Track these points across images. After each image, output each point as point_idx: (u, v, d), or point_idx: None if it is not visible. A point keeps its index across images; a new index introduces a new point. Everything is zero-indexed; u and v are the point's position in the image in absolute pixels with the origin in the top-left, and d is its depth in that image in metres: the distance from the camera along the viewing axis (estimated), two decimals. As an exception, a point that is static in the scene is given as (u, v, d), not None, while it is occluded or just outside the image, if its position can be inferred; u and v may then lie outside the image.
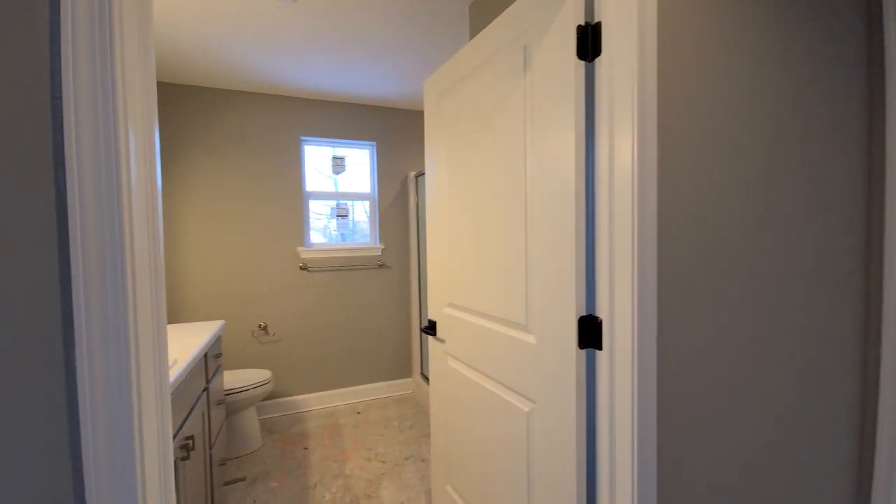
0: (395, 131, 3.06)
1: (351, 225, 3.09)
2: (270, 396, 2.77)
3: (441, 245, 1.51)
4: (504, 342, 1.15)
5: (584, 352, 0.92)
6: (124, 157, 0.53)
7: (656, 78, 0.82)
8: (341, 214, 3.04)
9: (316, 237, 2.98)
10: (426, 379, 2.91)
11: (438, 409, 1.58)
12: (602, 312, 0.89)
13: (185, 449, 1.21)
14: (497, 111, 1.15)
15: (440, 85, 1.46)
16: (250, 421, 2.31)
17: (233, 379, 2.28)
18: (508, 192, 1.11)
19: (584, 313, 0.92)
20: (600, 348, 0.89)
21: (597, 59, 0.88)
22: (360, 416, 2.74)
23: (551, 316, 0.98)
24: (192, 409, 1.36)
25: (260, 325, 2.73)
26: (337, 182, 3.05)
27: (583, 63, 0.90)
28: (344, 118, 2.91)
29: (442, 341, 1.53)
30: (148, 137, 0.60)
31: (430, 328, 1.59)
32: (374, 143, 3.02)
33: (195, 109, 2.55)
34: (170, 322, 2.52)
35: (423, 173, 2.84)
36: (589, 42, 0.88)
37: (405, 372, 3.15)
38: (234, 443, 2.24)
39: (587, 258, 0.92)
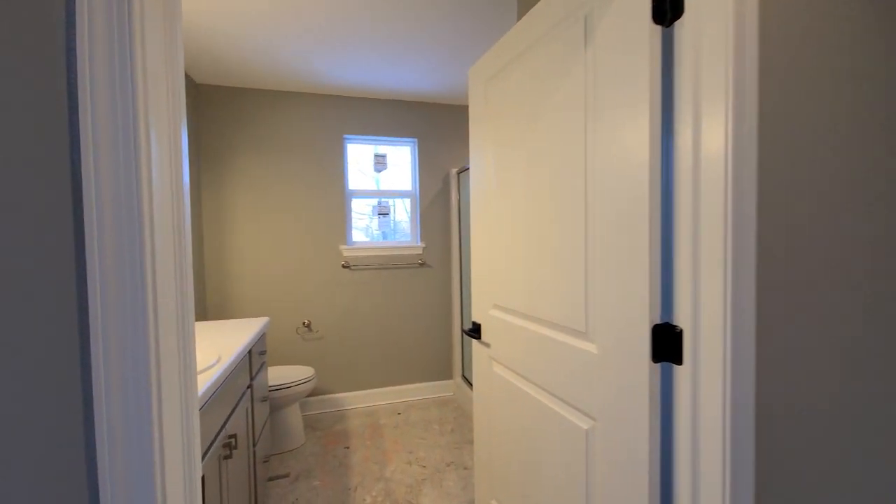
0: (436, 127, 2.99)
1: (392, 224, 3.06)
2: (313, 393, 2.80)
3: (486, 243, 1.41)
4: (558, 350, 1.04)
5: (658, 366, 0.79)
6: (144, 156, 0.48)
7: (757, 42, 0.68)
8: (383, 213, 3.02)
9: (358, 236, 2.98)
10: (468, 382, 2.82)
11: (482, 417, 1.48)
12: (682, 321, 0.75)
13: (227, 447, 1.20)
14: (551, 94, 1.04)
15: (486, 71, 1.36)
16: (294, 417, 2.33)
17: (277, 375, 2.31)
18: (564, 184, 1.00)
19: (658, 321, 0.79)
20: (679, 362, 0.76)
21: (676, 22, 0.75)
22: (401, 417, 2.70)
23: (617, 323, 0.85)
24: (235, 407, 1.36)
25: (304, 323, 2.76)
26: (378, 180, 3.03)
27: (659, 28, 0.77)
28: (386, 115, 2.88)
29: (487, 345, 1.43)
30: (173, 135, 0.56)
31: (474, 331, 1.50)
32: (416, 139, 2.97)
33: (242, 111, 2.62)
34: (217, 318, 2.61)
35: (466, 169, 2.75)
36: (667, 0, 0.75)
37: (446, 373, 3.08)
38: (278, 439, 2.27)
39: (662, 260, 0.78)
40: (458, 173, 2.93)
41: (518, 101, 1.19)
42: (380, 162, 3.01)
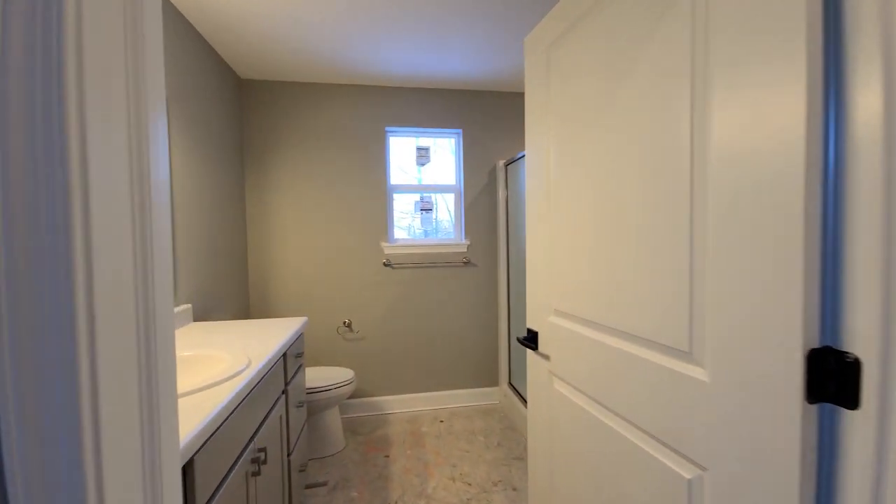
0: (482, 117, 2.80)
1: (435, 220, 2.91)
2: (354, 396, 2.71)
3: (545, 239, 1.20)
4: (648, 373, 0.81)
5: (814, 408, 0.56)
6: (76, 146, 0.33)
7: None
8: (425, 208, 2.87)
9: (399, 233, 2.85)
10: (515, 391, 2.61)
11: (540, 441, 1.28)
12: (860, 347, 0.51)
13: (255, 463, 1.09)
14: (637, 55, 0.82)
15: (547, 36, 1.16)
16: (333, 421, 2.24)
17: (316, 377, 2.22)
18: (660, 167, 0.77)
19: (815, 345, 0.55)
20: (853, 405, 0.52)
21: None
22: (443, 426, 2.54)
23: (741, 343, 0.63)
24: (267, 416, 1.25)
25: (344, 322, 2.68)
26: (421, 175, 2.89)
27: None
28: (429, 105, 2.73)
29: (545, 357, 1.22)
30: (137, 119, 0.41)
31: (530, 340, 1.30)
32: (460, 130, 2.79)
33: (283, 105, 2.57)
34: (259, 318, 2.58)
35: (515, 160, 2.54)
36: None
37: (491, 380, 2.88)
38: (317, 443, 2.19)
39: (823, 260, 0.55)
40: (507, 165, 2.72)
41: (590, 67, 0.97)
42: (422, 155, 2.87)
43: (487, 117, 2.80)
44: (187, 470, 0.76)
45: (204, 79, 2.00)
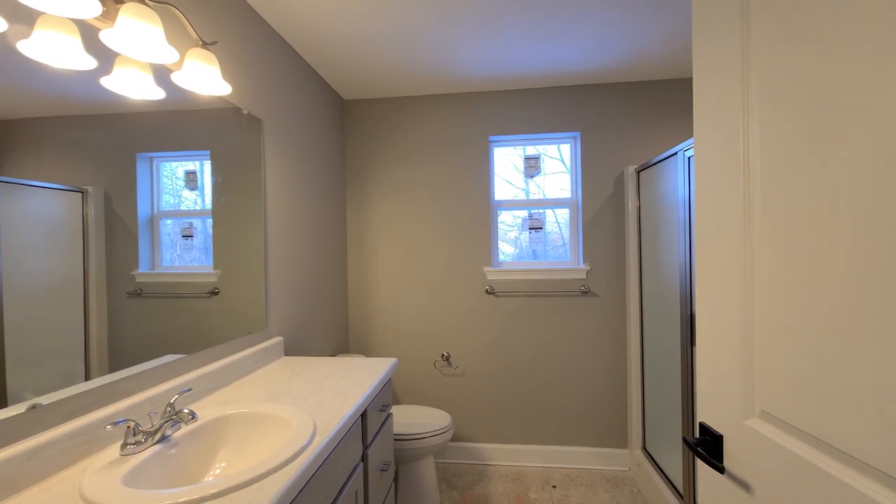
0: (605, 115, 2.30)
1: (545, 241, 2.48)
2: (451, 439, 2.41)
3: (740, 277, 0.73)
4: None
5: None
6: None
7: None
8: (534, 227, 2.47)
9: (504, 256, 2.50)
10: (652, 459, 2.01)
11: None
12: None
13: (311, 577, 0.84)
14: None
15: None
16: (427, 473, 1.97)
17: (409, 421, 1.98)
18: None
19: None
20: None
21: None
22: (557, 493, 2.07)
23: None
24: (339, 494, 1.01)
25: (443, 355, 2.42)
26: (529, 188, 2.51)
27: None
28: (539, 107, 2.35)
29: (741, 486, 0.74)
30: None
31: (708, 447, 0.82)
32: (578, 133, 2.34)
33: (383, 122, 2.46)
34: (357, 352, 2.47)
35: (652, 164, 1.99)
36: None
37: (619, 440, 2.31)
38: (409, 497, 1.93)
39: None
40: (639, 171, 2.17)
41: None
42: (532, 165, 2.48)
43: (612, 115, 2.30)
44: None
45: (310, 103, 1.97)
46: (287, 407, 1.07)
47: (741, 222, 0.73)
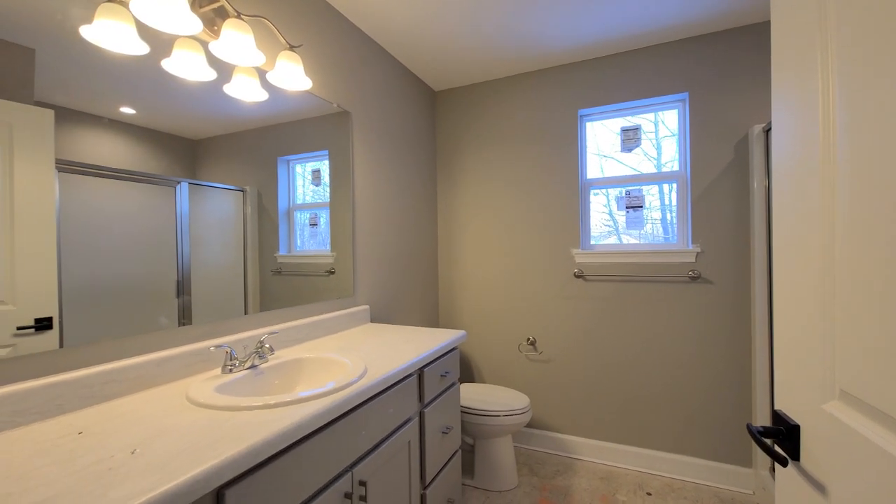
0: (720, 68, 1.94)
1: (645, 220, 2.21)
2: (535, 426, 2.34)
3: (817, 248, 0.57)
4: None
5: None
6: None
7: None
8: (633, 205, 2.23)
9: (595, 238, 2.31)
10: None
11: None
12: None
13: (349, 497, 0.94)
14: None
15: None
16: (504, 453, 1.96)
17: (487, 397, 2.00)
18: None
19: None
20: None
21: None
22: (651, 502, 1.84)
23: None
24: (381, 442, 1.10)
25: (528, 340, 2.36)
26: (626, 164, 2.26)
27: None
28: (636, 71, 2.10)
29: (819, 488, 0.58)
30: None
31: (781, 436, 0.66)
32: (686, 93, 2.02)
33: (470, 107, 2.50)
34: (447, 326, 2.58)
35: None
36: None
37: (740, 456, 1.93)
38: (485, 473, 1.96)
39: None
40: (767, 131, 1.78)
41: None
42: (629, 137, 2.24)
43: (728, 68, 1.92)
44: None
45: (398, 96, 2.14)
46: (351, 357, 1.21)
47: (815, 184, 0.57)
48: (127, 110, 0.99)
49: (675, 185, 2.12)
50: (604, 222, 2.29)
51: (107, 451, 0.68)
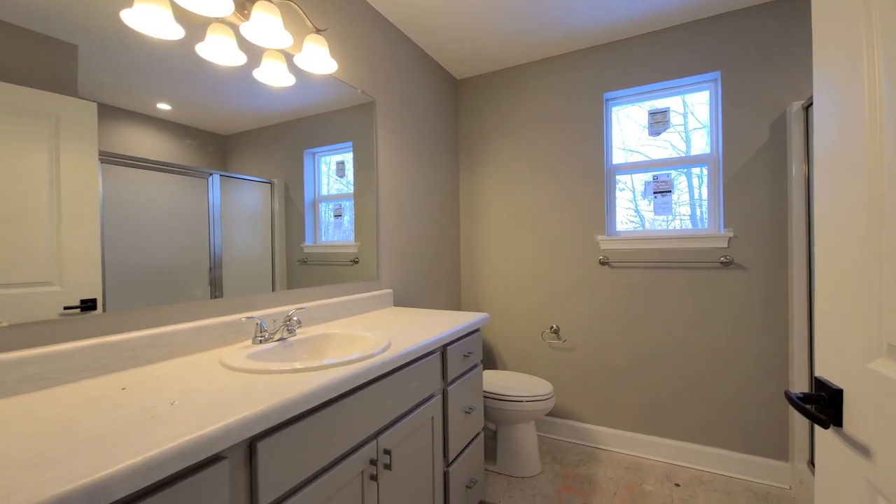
0: (755, 44, 1.85)
1: (675, 214, 2.14)
2: (559, 415, 2.31)
3: (863, 200, 0.54)
4: None
5: None
6: None
7: None
8: (660, 190, 2.16)
9: (620, 224, 2.26)
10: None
11: None
12: None
13: (374, 464, 0.96)
14: None
15: None
16: (527, 439, 1.95)
17: (509, 383, 1.99)
18: None
19: None
20: None
21: None
22: (680, 493, 1.79)
23: None
24: (406, 414, 1.12)
25: (551, 328, 2.34)
26: (653, 148, 2.20)
27: None
28: (665, 50, 2.04)
29: (860, 451, 0.55)
30: None
31: (822, 402, 0.63)
32: (719, 72, 1.94)
33: (493, 94, 2.49)
34: (469, 311, 2.58)
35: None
36: None
37: (775, 449, 1.85)
38: (508, 459, 1.95)
39: None
40: (807, 108, 1.69)
41: None
42: (658, 121, 2.18)
43: (763, 43, 1.83)
44: (252, 454, 0.69)
45: (421, 84, 2.16)
46: (375, 333, 1.23)
47: (861, 147, 0.54)
48: (163, 106, 1.03)
49: (705, 169, 2.05)
50: (629, 218, 2.23)
51: (149, 402, 0.72)
